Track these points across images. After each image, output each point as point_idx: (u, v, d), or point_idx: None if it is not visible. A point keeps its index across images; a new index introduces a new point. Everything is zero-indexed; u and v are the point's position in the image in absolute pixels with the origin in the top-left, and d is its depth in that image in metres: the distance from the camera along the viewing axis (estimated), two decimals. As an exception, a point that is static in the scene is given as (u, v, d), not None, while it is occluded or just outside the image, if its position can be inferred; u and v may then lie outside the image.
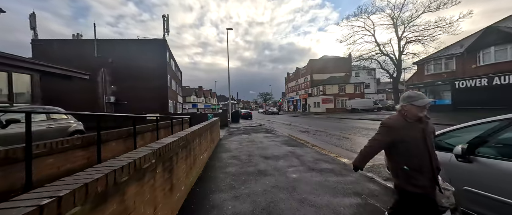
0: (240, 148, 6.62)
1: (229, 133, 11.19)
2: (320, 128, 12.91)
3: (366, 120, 17.20)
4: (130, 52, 18.41)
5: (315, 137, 9.21)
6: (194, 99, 59.90)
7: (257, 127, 14.44)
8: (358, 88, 39.33)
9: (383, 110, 33.19)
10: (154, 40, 18.79)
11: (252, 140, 8.22)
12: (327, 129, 11.86)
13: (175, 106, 25.02)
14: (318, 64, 45.04)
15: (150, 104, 18.41)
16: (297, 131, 11.86)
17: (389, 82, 65.84)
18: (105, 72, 18.16)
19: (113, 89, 18.23)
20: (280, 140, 8.22)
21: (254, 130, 12.73)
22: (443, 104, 19.39)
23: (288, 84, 60.13)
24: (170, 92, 21.28)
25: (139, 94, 18.42)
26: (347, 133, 9.96)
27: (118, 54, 18.25)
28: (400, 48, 15.58)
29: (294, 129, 13.25)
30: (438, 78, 19.66)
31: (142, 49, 18.55)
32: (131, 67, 18.36)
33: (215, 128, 7.71)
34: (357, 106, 32.95)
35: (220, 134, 10.25)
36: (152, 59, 18.59)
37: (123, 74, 18.35)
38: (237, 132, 11.86)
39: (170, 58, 22.35)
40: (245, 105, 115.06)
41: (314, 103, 42.19)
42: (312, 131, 11.61)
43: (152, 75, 18.57)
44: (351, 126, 13.21)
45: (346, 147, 6.80)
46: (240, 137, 9.48)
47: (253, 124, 17.48)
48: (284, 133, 11.02)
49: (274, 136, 9.55)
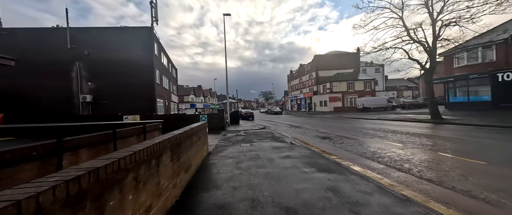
0: (236, 178, 3.81)
1: (225, 141, 8.39)
2: (341, 132, 10.06)
3: (388, 121, 14.33)
4: (110, 43, 15.68)
5: (346, 149, 6.38)
6: (193, 99, 57.23)
7: (260, 131, 11.65)
8: (369, 85, 36.37)
9: (398, 109, 30.26)
10: (138, 28, 16.06)
11: (256, 156, 5.41)
12: (353, 134, 9.02)
13: (167, 106, 22.29)
14: (323, 60, 42.10)
15: (134, 104, 15.71)
16: (313, 137, 9.03)
17: (398, 79, 62.61)
18: (80, 67, 15.45)
19: (90, 87, 15.51)
20: (298, 155, 5.41)
21: (257, 135, 9.93)
22: (479, 101, 16.42)
23: (291, 82, 57.24)
24: (160, 90, 18.52)
25: (121, 92, 15.70)
26: (391, 141, 7.11)
27: (95, 45, 15.53)
28: (435, 33, 12.55)
29: (308, 134, 10.41)
30: (473, 71, 16.69)
31: (124, 39, 15.82)
32: (111, 61, 15.64)
33: (201, 137, 4.93)
34: (369, 104, 30.02)
35: (211, 144, 7.47)
36: (136, 51, 15.85)
37: (102, 68, 15.63)
38: (235, 139, 9.06)
39: (160, 51, 19.60)
40: (246, 104, 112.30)
41: (320, 101, 39.29)
42: (334, 137, 8.77)
43: (137, 70, 15.83)
44: (378, 129, 10.37)
45: (431, 177, 3.96)
46: (238, 149, 6.67)
47: (256, 126, 14.68)
48: (297, 140, 8.21)
49: (286, 146, 6.73)
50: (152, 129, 5.39)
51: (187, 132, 3.52)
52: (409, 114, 18.35)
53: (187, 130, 3.54)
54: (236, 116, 18.03)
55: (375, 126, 11.85)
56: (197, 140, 4.37)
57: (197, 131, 4.48)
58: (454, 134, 8.14)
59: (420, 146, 6.17)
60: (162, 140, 2.34)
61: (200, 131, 4.80)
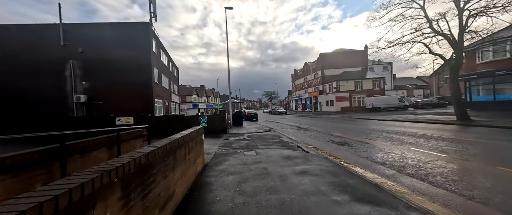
0: (238, 209, 2.65)
1: (226, 147, 7.24)
2: (358, 136, 8.80)
3: (407, 122, 12.95)
4: (106, 40, 14.75)
5: (375, 159, 5.14)
6: (195, 99, 56.47)
7: (266, 134, 10.47)
8: (377, 84, 34.74)
9: (410, 109, 28.62)
10: (135, 24, 15.09)
11: (264, 172, 4.24)
12: (375, 139, 7.76)
13: (167, 106, 21.33)
14: (329, 58, 40.60)
15: (131, 104, 14.76)
16: (327, 143, 7.80)
17: (407, 78, 60.43)
18: (74, 65, 14.57)
19: (84, 86, 14.63)
20: (318, 170, 4.22)
21: (263, 139, 8.75)
22: (507, 101, 14.84)
23: (295, 81, 55.85)
24: (159, 89, 17.55)
25: (117, 91, 14.76)
26: (427, 148, 5.83)
27: (90, 42, 14.62)
28: (462, 24, 11.12)
29: (320, 138, 9.17)
30: (500, 66, 15.11)
31: (120, 35, 14.88)
32: (107, 58, 14.71)
33: (194, 147, 3.79)
34: (379, 104, 28.47)
35: (209, 151, 6.35)
36: (133, 48, 14.89)
37: (97, 67, 14.72)
38: (238, 144, 7.90)
39: (159, 49, 18.63)
40: (249, 104, 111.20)
41: (326, 101, 37.84)
42: (352, 142, 7.52)
43: (134, 68, 14.87)
44: (402, 132, 9.06)
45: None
46: (241, 159, 5.50)
47: (260, 128, 13.51)
48: (310, 146, 7.00)
49: (300, 156, 5.54)
50: (132, 137, 4.28)
51: (167, 146, 2.37)
52: (427, 115, 16.88)
53: (167, 143, 2.39)
54: (239, 117, 16.91)
55: (396, 128, 10.52)
56: (186, 154, 3.23)
57: (187, 141, 3.34)
58: (496, 140, 6.79)
59: (472, 157, 4.88)
60: (98, 175, 1.20)
61: (191, 141, 3.67)
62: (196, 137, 4.11)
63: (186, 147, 3.32)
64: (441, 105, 27.35)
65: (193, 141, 3.83)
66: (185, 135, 3.25)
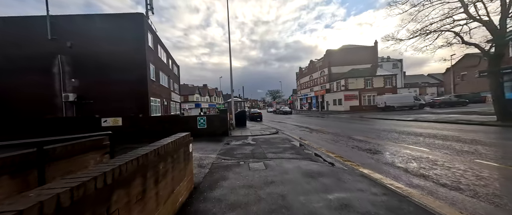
0: None
1: (226, 156, 5.77)
2: (390, 142, 7.20)
3: (437, 123, 11.24)
4: (97, 33, 13.49)
5: (443, 183, 3.58)
6: (198, 98, 55.37)
7: (274, 138, 8.96)
8: (389, 81, 32.76)
9: (427, 107, 26.63)
10: (128, 15, 13.76)
11: (281, 204, 2.75)
12: (409, 144, 6.16)
13: (166, 106, 20.05)
14: (336, 55, 38.73)
15: (124, 103, 13.49)
16: (352, 149, 6.24)
17: (417, 75, 57.79)
18: (62, 61, 13.36)
19: (73, 84, 13.41)
20: (365, 203, 2.70)
21: (271, 144, 7.24)
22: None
23: (300, 79, 54.07)
24: (155, 87, 16.25)
25: (110, 89, 13.51)
26: (502, 163, 4.23)
27: (80, 36, 13.39)
28: (506, 6, 9.36)
29: (341, 143, 7.60)
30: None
31: (113, 28, 13.60)
32: (98, 53, 13.46)
33: (170, 170, 2.33)
34: (392, 102, 26.58)
35: (204, 163, 4.88)
36: (127, 42, 13.59)
37: (87, 63, 13.49)
38: (242, 151, 6.41)
39: (156, 44, 17.33)
40: (252, 104, 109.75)
41: (334, 100, 36.04)
42: (382, 149, 5.94)
43: (128, 64, 13.58)
44: (442, 136, 7.42)
45: None
46: (246, 178, 4.00)
47: (266, 130, 12.02)
48: (333, 154, 5.45)
49: (326, 171, 4.02)
50: (82, 150, 2.83)
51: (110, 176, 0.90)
52: (451, 114, 15.05)
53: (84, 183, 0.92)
54: (243, 117, 15.45)
55: (427, 130, 8.85)
56: (150, 186, 1.76)
57: (156, 162, 1.87)
58: None
59: None
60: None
61: (163, 161, 2.20)
62: (176, 152, 2.65)
63: (154, 172, 1.86)
64: (461, 104, 25.28)
65: (169, 160, 2.37)
66: (146, 154, 1.78)
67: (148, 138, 9.21)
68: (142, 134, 9.39)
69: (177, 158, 2.69)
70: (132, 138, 9.27)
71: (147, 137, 9.40)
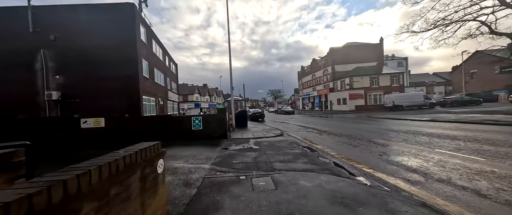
0: None
1: (222, 167, 4.53)
2: (425, 147, 5.95)
3: (454, 123, 9.95)
4: (83, 25, 12.33)
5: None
6: (197, 98, 54.24)
7: (279, 141, 7.72)
8: (396, 80, 31.42)
9: (437, 107, 25.29)
10: (117, 5, 12.54)
11: None
12: (452, 150, 4.91)
13: (162, 105, 18.87)
14: (340, 53, 37.41)
15: (114, 102, 12.32)
16: (378, 157, 4.98)
17: (422, 74, 56.20)
18: (45, 56, 12.20)
19: (58, 81, 12.24)
20: None
21: (277, 150, 5.98)
22: None
23: (302, 78, 52.76)
24: (149, 85, 15.07)
25: (98, 87, 12.34)
26: None
27: (65, 28, 12.24)
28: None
29: (362, 148, 6.35)
30: None
31: (100, 19, 12.43)
32: (84, 48, 12.30)
33: None
34: (401, 101, 25.26)
35: (190, 180, 3.64)
36: (116, 34, 12.41)
37: (73, 58, 12.32)
38: (242, 160, 5.15)
39: (150, 39, 16.15)
40: (253, 104, 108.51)
41: (338, 99, 34.75)
42: (432, 163, 4.69)
43: (117, 60, 12.40)
44: (493, 141, 6.15)
45: None
46: (248, 206, 2.76)
47: (269, 131, 10.79)
48: (358, 164, 4.20)
49: (361, 196, 2.77)
50: None
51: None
52: (471, 113, 13.74)
53: None
54: (243, 117, 14.24)
55: (463, 133, 7.58)
56: None
57: None
58: None
59: None
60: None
61: (89, 200, 0.97)
62: (119, 185, 1.42)
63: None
64: (474, 103, 23.93)
65: (101, 201, 1.14)
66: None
67: (135, 141, 7.98)
68: (128, 137, 8.19)
69: (124, 191, 1.47)
70: (116, 141, 8.06)
71: (134, 139, 8.19)
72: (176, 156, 5.95)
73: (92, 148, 7.36)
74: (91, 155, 1.59)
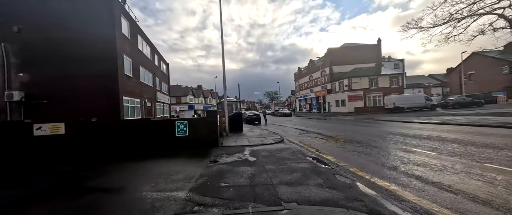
0: None
1: (200, 202, 3.11)
2: (456, 156, 4.73)
3: (470, 127, 8.88)
4: (53, 15, 10.74)
5: None
6: (191, 100, 52.44)
7: (280, 150, 6.35)
8: (395, 81, 30.77)
9: (438, 108, 24.60)
10: (95, -5, 11.03)
11: None
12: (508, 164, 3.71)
13: (150, 107, 17.26)
14: (338, 54, 36.65)
15: (89, 103, 10.73)
16: (426, 183, 3.70)
17: (417, 76, 56.25)
18: (7, 50, 10.51)
19: (21, 79, 10.56)
20: None
21: (278, 163, 4.60)
22: None
23: (299, 80, 51.84)
24: (132, 84, 13.50)
25: (71, 86, 10.73)
26: None
27: (31, 19, 10.62)
28: None
29: (384, 159, 5.07)
30: None
31: (74, 9, 10.87)
32: (54, 41, 10.70)
33: None
34: (402, 103, 24.43)
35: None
36: (91, 27, 10.87)
37: (40, 52, 10.70)
38: (234, 181, 3.72)
39: (134, 33, 14.64)
40: (249, 106, 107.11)
41: (336, 101, 33.82)
42: (487, 179, 3.44)
43: (93, 55, 10.85)
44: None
45: None
46: None
47: (268, 136, 9.43)
48: (407, 200, 2.89)
49: None
50: None
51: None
52: (483, 116, 12.82)
53: None
54: (238, 121, 12.86)
55: (499, 140, 6.43)
56: None
57: None
58: None
59: None
60: None
61: None
62: None
63: None
64: (476, 104, 23.34)
65: None
66: None
67: (103, 151, 6.27)
68: (95, 146, 6.67)
69: None
70: (78, 153, 6.52)
71: (102, 150, 6.68)
72: (146, 174, 4.52)
73: (43, 163, 5.82)
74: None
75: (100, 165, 5.52)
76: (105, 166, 5.34)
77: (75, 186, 3.96)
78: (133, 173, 4.67)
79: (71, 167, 5.36)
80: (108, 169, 5.02)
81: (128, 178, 4.31)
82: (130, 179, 4.19)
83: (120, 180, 4.22)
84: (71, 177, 4.56)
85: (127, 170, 4.95)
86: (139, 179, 4.15)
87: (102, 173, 4.71)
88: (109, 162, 5.74)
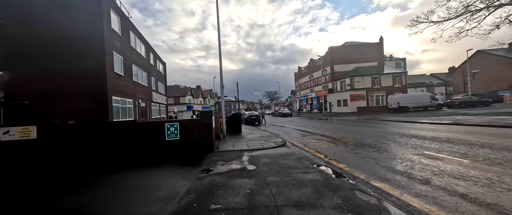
0: None
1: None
2: (497, 165, 3.93)
3: (490, 128, 8.08)
4: (36, 9, 9.93)
5: None
6: (190, 100, 51.62)
7: (282, 156, 5.52)
8: (398, 80, 30.01)
9: (444, 108, 23.82)
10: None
11: None
12: None
13: (144, 108, 16.45)
14: (340, 53, 35.86)
15: (76, 104, 9.92)
16: (469, 200, 2.91)
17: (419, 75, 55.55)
18: (-15, 46, 9.69)
19: (2, 78, 9.73)
20: None
21: (282, 174, 3.77)
22: None
23: (299, 79, 51.05)
24: (125, 84, 12.69)
25: (55, 86, 9.93)
26: None
27: (14, 13, 9.81)
28: None
29: (408, 167, 4.24)
30: None
31: (57, 3, 10.05)
32: (38, 36, 9.89)
33: None
34: (406, 102, 23.65)
35: None
36: (77, 21, 10.07)
37: (21, 49, 9.88)
38: (225, 204, 2.89)
39: (126, 29, 13.84)
40: (249, 106, 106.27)
41: (338, 101, 33.04)
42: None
43: (79, 52, 10.04)
44: None
45: None
46: None
47: (269, 139, 8.62)
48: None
49: None
50: None
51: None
52: (496, 115, 12.03)
53: None
54: (237, 122, 12.05)
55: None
56: None
57: None
58: None
59: None
60: None
61: None
62: None
63: None
64: (483, 103, 22.56)
65: None
66: None
67: (80, 159, 5.62)
68: (72, 153, 5.85)
69: None
70: (51, 162, 5.70)
71: (79, 157, 5.85)
72: (119, 192, 3.70)
73: (3, 175, 4.98)
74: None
75: (68, 179, 4.68)
76: (72, 181, 4.47)
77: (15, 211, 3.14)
78: (103, 190, 3.84)
79: (29, 181, 4.54)
80: (76, 185, 4.19)
81: (92, 198, 3.47)
82: (95, 200, 3.36)
83: (81, 201, 3.37)
84: (21, 196, 3.74)
85: (97, 185, 4.10)
86: (106, 200, 3.33)
87: (63, 192, 3.86)
88: (81, 174, 4.91)
